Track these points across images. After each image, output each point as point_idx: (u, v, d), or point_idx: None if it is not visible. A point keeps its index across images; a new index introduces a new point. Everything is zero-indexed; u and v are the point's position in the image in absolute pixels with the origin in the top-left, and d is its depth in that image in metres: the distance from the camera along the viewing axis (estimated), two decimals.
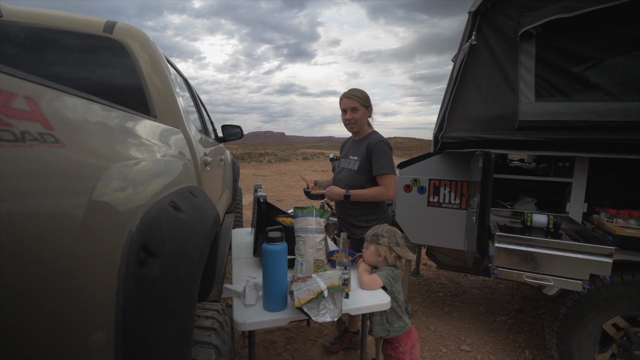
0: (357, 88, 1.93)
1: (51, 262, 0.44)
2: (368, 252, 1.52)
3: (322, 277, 1.28)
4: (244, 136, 4.49)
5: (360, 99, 1.88)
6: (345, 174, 1.95)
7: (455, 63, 2.15)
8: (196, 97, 2.56)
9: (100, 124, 0.64)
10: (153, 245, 0.61)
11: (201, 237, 0.84)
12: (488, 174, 1.72)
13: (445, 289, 3.21)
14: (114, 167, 0.60)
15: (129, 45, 1.33)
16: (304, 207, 1.55)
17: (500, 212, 2.25)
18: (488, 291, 3.18)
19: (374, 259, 1.50)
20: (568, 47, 1.82)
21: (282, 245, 1.22)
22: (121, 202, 0.58)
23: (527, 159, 3.23)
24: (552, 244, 1.66)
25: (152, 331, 0.57)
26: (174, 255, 0.66)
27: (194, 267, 0.76)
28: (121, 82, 1.33)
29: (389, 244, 1.47)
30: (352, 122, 1.89)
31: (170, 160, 0.99)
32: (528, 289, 3.20)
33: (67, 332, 0.45)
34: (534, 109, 1.86)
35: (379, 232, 1.50)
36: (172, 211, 0.73)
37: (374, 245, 1.50)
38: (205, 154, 1.69)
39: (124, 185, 0.61)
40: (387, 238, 1.47)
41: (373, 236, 1.51)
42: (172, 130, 1.24)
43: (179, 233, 0.71)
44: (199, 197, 1.00)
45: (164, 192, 0.79)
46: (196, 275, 0.78)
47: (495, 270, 1.73)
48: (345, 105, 1.89)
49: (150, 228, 0.61)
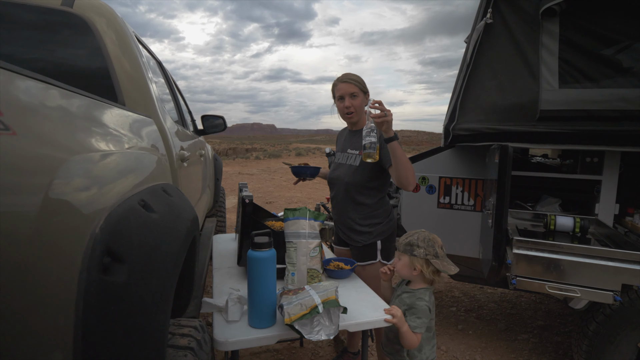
0: (351, 72, 1.94)
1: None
2: (401, 264, 1.47)
3: (316, 289, 1.27)
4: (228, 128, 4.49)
5: (359, 83, 1.89)
6: (344, 170, 1.95)
7: (469, 45, 2.17)
8: (172, 83, 2.56)
9: (59, 110, 0.64)
10: (119, 249, 0.61)
11: (176, 241, 0.84)
12: (505, 170, 1.74)
13: (458, 303, 3.23)
14: (74, 160, 0.60)
15: (93, 22, 1.32)
16: (295, 209, 1.55)
17: (519, 214, 2.27)
18: (507, 305, 3.21)
19: (408, 272, 1.46)
20: (596, 27, 1.84)
21: (270, 252, 1.22)
22: (83, 200, 0.58)
23: (551, 154, 3.27)
24: (579, 250, 1.67)
25: (117, 350, 0.57)
26: (144, 260, 0.67)
27: (167, 276, 0.76)
28: (84, 64, 1.32)
29: (425, 255, 1.41)
30: (351, 110, 1.89)
31: (141, 154, 0.99)
32: (553, 303, 3.23)
33: (15, 353, 0.45)
34: (557, 96, 1.88)
35: (413, 241, 1.43)
36: (143, 211, 0.73)
37: (407, 256, 1.44)
38: (182, 148, 1.69)
39: (87, 180, 0.61)
40: (424, 249, 1.41)
41: (407, 245, 1.45)
42: (143, 120, 1.23)
43: (150, 235, 0.71)
44: (174, 197, 1.00)
45: (134, 189, 0.79)
46: (170, 285, 0.78)
47: (514, 281, 1.74)
48: (342, 91, 1.89)
49: (117, 229, 0.61)
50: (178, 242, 0.85)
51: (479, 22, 2.11)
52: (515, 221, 2.23)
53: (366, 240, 1.88)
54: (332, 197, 2.07)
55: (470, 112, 2.12)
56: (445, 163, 2.39)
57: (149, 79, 1.51)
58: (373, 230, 1.88)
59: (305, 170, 2.06)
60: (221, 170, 3.91)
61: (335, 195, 2.01)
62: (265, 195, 8.45)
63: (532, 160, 2.91)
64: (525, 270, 1.74)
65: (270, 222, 1.87)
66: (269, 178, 11.59)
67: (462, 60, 2.22)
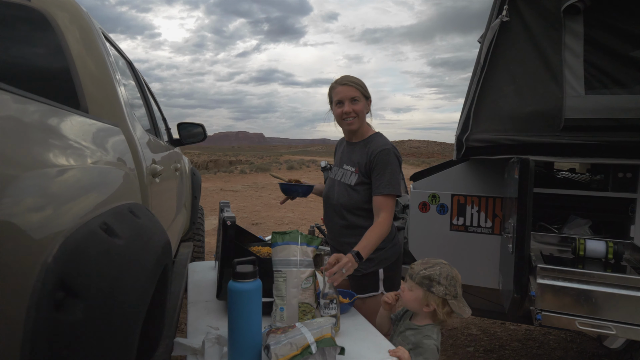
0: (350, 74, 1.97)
1: None
2: (412, 296, 1.46)
3: (309, 326, 1.26)
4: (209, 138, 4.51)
5: (361, 87, 1.91)
6: (338, 190, 1.95)
7: (482, 45, 2.21)
8: (144, 86, 2.57)
9: (10, 119, 0.64)
10: (76, 281, 0.60)
11: (144, 272, 0.83)
12: (526, 187, 1.75)
13: (477, 342, 3.20)
14: (26, 176, 0.59)
15: (54, 17, 1.33)
16: (285, 232, 1.54)
17: (544, 237, 2.28)
18: (533, 344, 3.18)
19: (418, 306, 1.45)
20: (625, 25, 1.89)
21: (255, 283, 1.21)
22: (34, 223, 0.57)
23: (579, 168, 3.30)
24: (613, 279, 1.67)
25: None
26: (105, 295, 0.66)
27: (132, 313, 0.75)
28: (42, 64, 1.33)
29: (445, 294, 1.40)
30: (352, 117, 1.90)
31: (105, 169, 0.99)
32: (586, 341, 3.21)
33: None
34: (583, 103, 1.91)
35: (434, 276, 1.42)
36: (104, 236, 0.73)
37: (422, 290, 1.44)
38: (154, 161, 1.69)
39: (40, 200, 0.61)
40: (445, 287, 1.40)
41: (425, 279, 1.43)
42: (109, 129, 1.24)
43: (112, 265, 0.70)
44: (142, 218, 0.99)
45: (95, 211, 0.78)
46: (135, 323, 0.76)
47: (539, 316, 1.74)
48: (341, 95, 1.90)
49: (73, 258, 0.61)
50: (146, 273, 0.85)
51: (493, 19, 2.16)
52: (539, 246, 2.23)
53: (367, 268, 1.87)
54: (326, 219, 2.06)
55: (486, 120, 2.15)
56: (459, 179, 2.41)
57: (116, 81, 1.51)
58: (374, 257, 1.87)
59: (296, 188, 2.06)
60: (200, 187, 3.91)
61: (329, 216, 2.01)
62: (251, 215, 8.43)
63: (557, 176, 2.94)
64: (551, 304, 1.73)
65: (255, 247, 1.86)
66: (255, 195, 11.58)
67: (476, 62, 2.26)
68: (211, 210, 8.62)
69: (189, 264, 2.41)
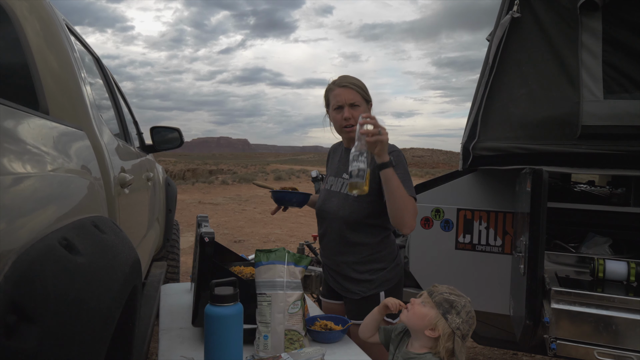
0: (349, 75, 1.98)
1: None
2: (421, 311, 1.46)
3: (296, 357, 1.26)
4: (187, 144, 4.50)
5: (362, 90, 1.92)
6: (338, 202, 1.95)
7: (492, 43, 2.25)
8: (113, 85, 2.58)
9: None
10: (30, 304, 0.60)
11: (108, 293, 0.83)
12: (540, 201, 1.77)
13: None
14: None
15: (11, 7, 1.34)
16: (270, 250, 1.54)
17: (559, 257, 2.29)
18: None
19: (421, 325, 1.45)
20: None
21: (236, 307, 1.21)
22: None
23: (598, 180, 3.35)
24: (636, 304, 1.69)
25: None
26: (63, 319, 0.65)
27: (95, 340, 0.75)
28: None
29: (457, 328, 1.43)
30: (351, 123, 1.91)
31: (67, 177, 0.98)
32: None
33: None
34: (602, 109, 1.95)
35: (456, 304, 1.44)
36: (64, 252, 0.72)
37: (437, 312, 1.45)
38: (123, 169, 1.69)
39: None
40: (462, 321, 1.42)
41: (446, 302, 1.45)
42: (72, 133, 1.24)
43: (72, 286, 0.70)
44: (108, 234, 0.99)
45: (54, 224, 0.78)
46: (98, 352, 0.76)
47: (553, 345, 1.74)
48: (340, 99, 1.91)
49: (27, 277, 0.60)
50: (111, 295, 0.84)
51: (503, 16, 2.20)
52: (554, 267, 2.25)
53: (366, 291, 1.87)
54: (321, 234, 2.05)
55: (495, 127, 2.17)
56: (465, 191, 2.43)
57: (81, 79, 1.52)
58: (374, 278, 1.87)
59: (291, 197, 2.04)
60: (175, 199, 3.90)
61: (326, 232, 2.00)
62: (233, 231, 8.39)
63: (574, 189, 2.98)
64: (567, 331, 1.74)
65: (237, 267, 1.85)
66: (238, 209, 11.54)
67: (484, 62, 2.30)
68: (188, 225, 8.56)
69: (162, 286, 2.38)
